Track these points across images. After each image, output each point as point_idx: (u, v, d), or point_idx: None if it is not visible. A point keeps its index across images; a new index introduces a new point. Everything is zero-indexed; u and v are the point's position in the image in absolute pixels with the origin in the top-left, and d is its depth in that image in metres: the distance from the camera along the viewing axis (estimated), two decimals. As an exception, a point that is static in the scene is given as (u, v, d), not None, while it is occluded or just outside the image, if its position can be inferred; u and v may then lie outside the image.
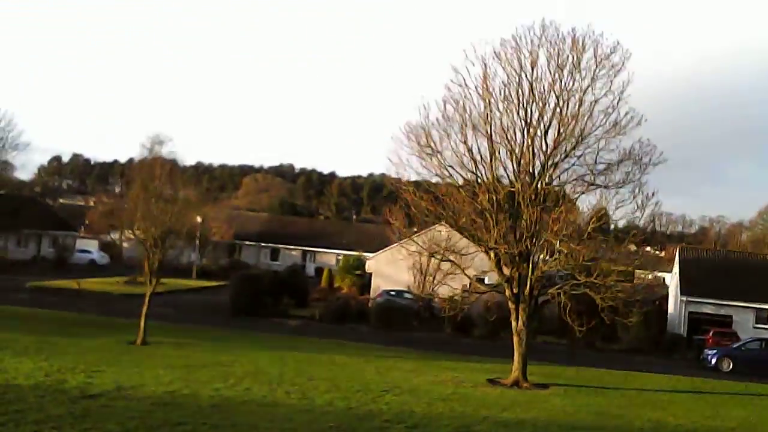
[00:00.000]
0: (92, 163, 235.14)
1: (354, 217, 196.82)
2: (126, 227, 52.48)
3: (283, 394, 24.38)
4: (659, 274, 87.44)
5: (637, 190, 31.04)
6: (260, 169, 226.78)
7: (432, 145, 31.57)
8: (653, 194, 30.94)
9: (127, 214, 44.32)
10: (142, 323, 35.24)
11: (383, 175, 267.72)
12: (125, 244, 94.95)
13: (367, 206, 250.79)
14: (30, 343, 31.52)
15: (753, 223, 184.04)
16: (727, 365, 42.46)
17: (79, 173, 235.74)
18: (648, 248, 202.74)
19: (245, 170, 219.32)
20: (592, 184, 31.67)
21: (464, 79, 31.06)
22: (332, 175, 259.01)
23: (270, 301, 51.33)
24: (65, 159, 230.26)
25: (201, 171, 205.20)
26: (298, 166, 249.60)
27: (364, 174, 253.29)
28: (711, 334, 49.20)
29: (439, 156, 32.25)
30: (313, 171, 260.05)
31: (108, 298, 54.13)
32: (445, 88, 31.53)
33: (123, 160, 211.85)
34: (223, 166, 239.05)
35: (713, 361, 42.90)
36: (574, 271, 30.71)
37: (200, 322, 45.50)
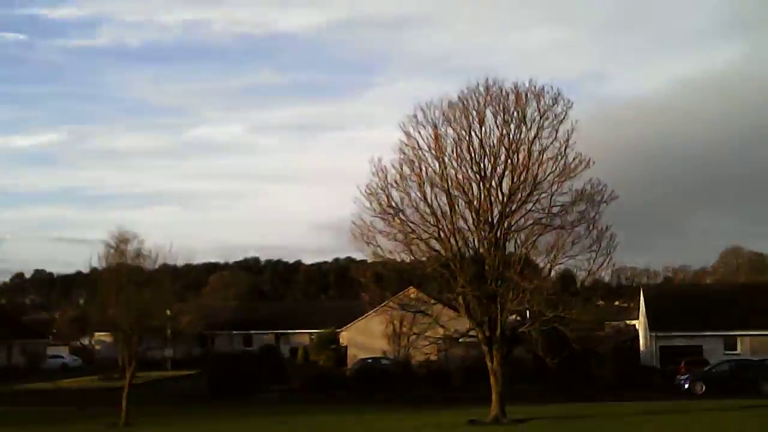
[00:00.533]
0: (54, 276, 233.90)
1: (323, 296, 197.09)
2: (99, 320, 52.91)
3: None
4: (629, 322, 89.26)
5: (591, 227, 32.54)
6: (226, 266, 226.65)
7: (393, 204, 33.02)
8: (607, 228, 32.44)
9: (99, 307, 45.00)
10: (124, 404, 35.70)
11: (348, 258, 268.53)
12: (96, 346, 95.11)
13: (334, 290, 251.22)
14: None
15: (716, 267, 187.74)
16: (700, 388, 43.71)
17: (42, 288, 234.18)
18: (616, 302, 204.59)
19: (210, 268, 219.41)
20: (549, 226, 33.11)
21: (417, 142, 32.86)
22: (298, 263, 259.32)
23: (248, 379, 51.66)
24: (27, 275, 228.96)
25: (165, 272, 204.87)
26: (263, 258, 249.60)
27: (329, 260, 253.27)
28: (683, 363, 50.48)
29: (401, 215, 33.65)
30: (279, 261, 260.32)
31: (85, 393, 54.26)
32: (398, 150, 33.19)
33: (86, 270, 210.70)
34: (188, 266, 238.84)
35: (686, 385, 44.18)
36: (540, 307, 31.86)
37: (180, 405, 45.80)
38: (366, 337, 62.21)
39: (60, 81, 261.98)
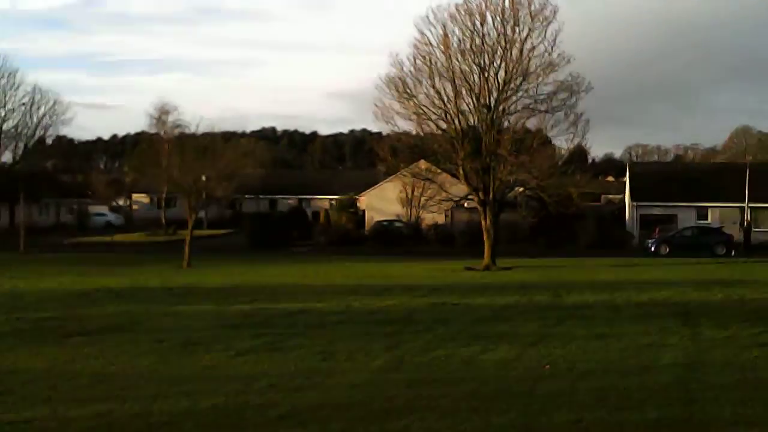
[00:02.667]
0: (76, 143, 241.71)
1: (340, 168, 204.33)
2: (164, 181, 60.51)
3: (309, 280, 33.32)
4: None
5: (569, 112, 39.79)
6: (243, 134, 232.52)
7: (408, 91, 40.21)
8: (581, 114, 39.68)
9: (165, 169, 52.69)
10: (187, 251, 43.86)
11: (364, 130, 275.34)
12: (134, 207, 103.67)
13: (350, 162, 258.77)
14: (101, 271, 40.19)
15: (726, 147, 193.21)
16: (664, 249, 51.45)
17: (64, 154, 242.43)
18: (610, 178, 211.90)
19: (227, 137, 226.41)
20: (535, 110, 40.32)
21: (428, 39, 39.72)
22: (314, 134, 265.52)
23: (280, 235, 59.94)
24: (48, 141, 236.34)
25: (185, 139, 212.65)
26: (280, 128, 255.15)
27: (345, 131, 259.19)
28: (657, 229, 58.11)
29: (414, 99, 40.87)
30: (295, 132, 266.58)
31: (140, 246, 62.57)
32: (413, 46, 40.16)
33: (106, 137, 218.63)
34: (206, 134, 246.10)
35: (653, 247, 51.88)
36: (523, 177, 39.44)
37: (226, 255, 53.95)
38: (382, 202, 69.81)
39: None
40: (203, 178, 74.87)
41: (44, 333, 19.71)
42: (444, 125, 40.78)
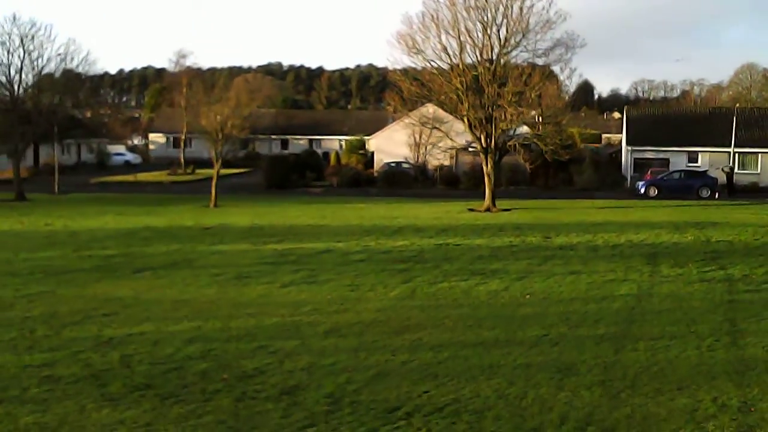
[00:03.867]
0: (83, 77, 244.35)
1: (348, 107, 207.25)
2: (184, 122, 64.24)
3: (328, 221, 37.38)
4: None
5: (564, 65, 43.39)
6: (249, 70, 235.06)
7: (417, 46, 43.77)
8: (575, 69, 43.23)
9: (190, 112, 56.48)
10: (214, 191, 47.81)
11: (370, 65, 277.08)
12: (151, 146, 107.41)
13: (357, 97, 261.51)
14: (137, 210, 44.25)
15: (731, 83, 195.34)
16: (653, 191, 55.17)
17: (72, 89, 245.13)
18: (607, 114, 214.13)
19: (234, 71, 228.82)
20: (534, 64, 43.91)
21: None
22: (320, 69, 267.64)
23: (295, 176, 63.89)
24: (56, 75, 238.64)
25: (191, 74, 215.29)
26: (285, 63, 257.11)
27: (351, 66, 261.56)
28: (649, 171, 61.78)
29: (423, 54, 44.45)
30: (302, 67, 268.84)
31: (163, 185, 66.48)
32: (422, 3, 43.51)
33: (113, 71, 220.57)
34: (212, 69, 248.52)
35: (642, 189, 55.61)
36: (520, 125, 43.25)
37: (244, 194, 57.85)
38: (390, 144, 73.32)
39: None
40: (219, 118, 78.56)
41: (117, 268, 23.84)
42: (449, 78, 44.33)
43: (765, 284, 21.03)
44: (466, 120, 44.43)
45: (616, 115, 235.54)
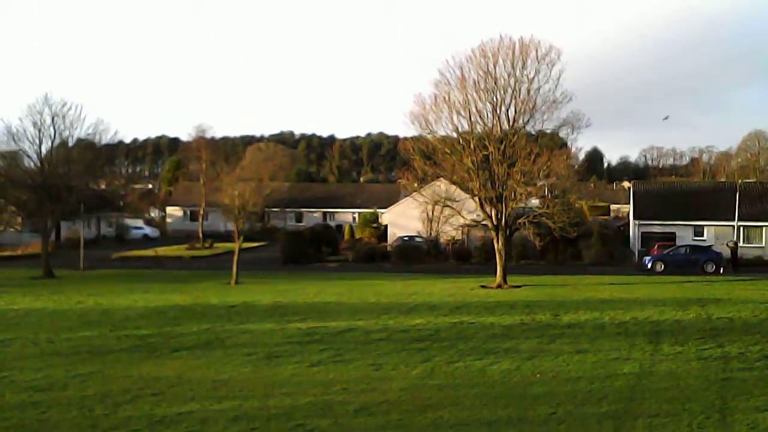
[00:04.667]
0: (97, 146, 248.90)
1: (360, 179, 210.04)
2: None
3: (346, 298, 39.16)
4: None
5: (571, 144, 45.67)
6: (261, 138, 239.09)
7: (429, 127, 46.13)
8: (581, 148, 45.46)
9: (208, 188, 58.97)
10: (235, 268, 49.66)
11: (381, 133, 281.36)
12: (168, 219, 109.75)
13: (368, 165, 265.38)
14: (162, 287, 46.10)
15: (738, 151, 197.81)
16: (659, 267, 56.79)
17: (95, 161, 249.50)
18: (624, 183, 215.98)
19: (246, 140, 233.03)
20: (543, 132, 46.35)
21: (447, 79, 45.56)
22: (331, 138, 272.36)
23: (311, 251, 65.88)
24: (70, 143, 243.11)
25: (207, 144, 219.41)
26: (297, 132, 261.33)
27: (362, 134, 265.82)
28: (656, 246, 63.52)
29: (435, 134, 46.76)
30: (313, 135, 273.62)
31: (183, 261, 68.45)
32: (433, 85, 46.07)
33: (128, 140, 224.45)
34: (225, 138, 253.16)
35: (649, 265, 57.24)
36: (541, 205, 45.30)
37: (262, 270, 59.65)
38: (403, 218, 75.32)
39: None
40: (236, 192, 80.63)
41: (155, 348, 25.63)
42: (461, 156, 46.55)
43: (759, 362, 22.66)
44: (477, 199, 46.44)
45: (626, 184, 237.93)
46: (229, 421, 16.48)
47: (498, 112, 45.97)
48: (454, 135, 47.06)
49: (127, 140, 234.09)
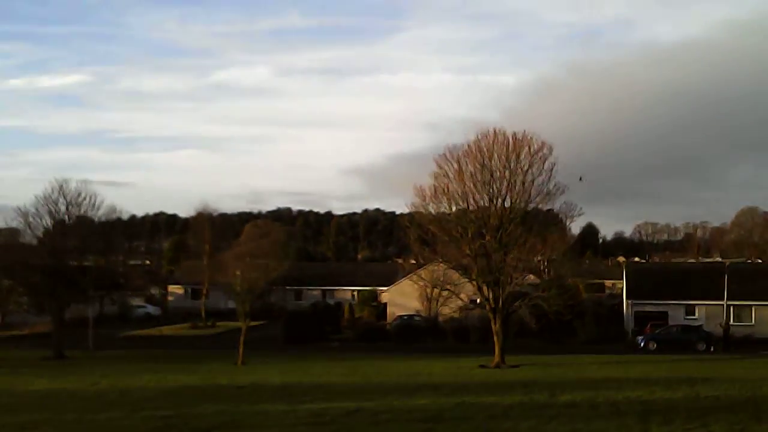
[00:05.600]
0: (95, 221, 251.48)
1: (357, 255, 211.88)
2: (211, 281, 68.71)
3: (351, 378, 40.88)
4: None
5: (564, 231, 47.89)
6: (259, 215, 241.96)
7: (430, 216, 48.36)
8: (575, 235, 47.70)
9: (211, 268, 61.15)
10: (241, 349, 51.39)
11: (377, 210, 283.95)
12: (170, 297, 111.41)
13: (364, 241, 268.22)
14: (171, 368, 47.78)
15: (732, 226, 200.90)
16: (652, 346, 58.71)
17: (82, 233, 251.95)
18: (636, 258, 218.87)
19: (244, 217, 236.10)
20: (530, 232, 48.54)
21: (446, 171, 48.02)
22: (329, 214, 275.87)
23: (313, 330, 67.66)
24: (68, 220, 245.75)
25: (199, 220, 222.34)
26: (295, 208, 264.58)
27: (359, 210, 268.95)
28: (649, 325, 65.47)
29: (434, 224, 49.12)
30: (310, 212, 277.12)
31: (186, 340, 70.12)
32: (433, 177, 48.61)
33: (125, 217, 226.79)
34: (223, 215, 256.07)
35: (642, 343, 59.16)
36: (526, 290, 47.37)
37: (264, 349, 61.24)
38: (402, 297, 77.41)
39: (84, 21, 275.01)
40: (238, 272, 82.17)
41: (178, 428, 27.30)
42: (460, 245, 48.88)
43: (739, 441, 24.46)
44: (475, 283, 48.56)
45: (621, 259, 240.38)
46: (257, 498, 18.22)
47: (495, 203, 48.44)
48: (453, 225, 49.43)
49: (125, 216, 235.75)
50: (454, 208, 48.56)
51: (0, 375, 44.47)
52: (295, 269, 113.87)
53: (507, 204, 48.05)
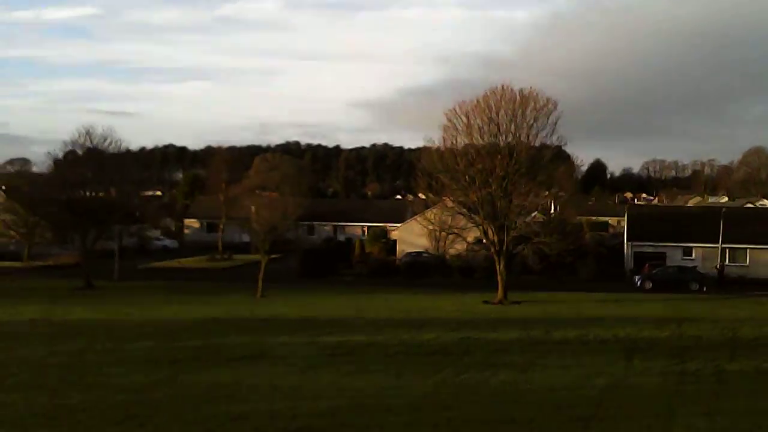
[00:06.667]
0: (105, 155, 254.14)
1: (365, 190, 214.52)
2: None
3: (364, 313, 44.31)
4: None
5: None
6: (267, 149, 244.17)
7: (439, 167, 51.21)
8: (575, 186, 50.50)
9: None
10: (260, 284, 54.70)
11: (386, 144, 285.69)
12: (187, 231, 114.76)
13: (373, 175, 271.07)
14: (196, 300, 51.21)
15: (739, 165, 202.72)
16: (648, 285, 61.78)
17: (95, 164, 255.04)
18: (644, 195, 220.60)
19: (253, 150, 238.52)
20: (534, 181, 51.50)
21: (455, 125, 50.78)
22: (337, 148, 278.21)
23: (328, 265, 71.04)
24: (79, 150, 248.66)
25: (211, 153, 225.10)
26: (303, 142, 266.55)
27: (367, 144, 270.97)
28: (647, 265, 68.49)
29: (443, 174, 52.00)
30: (319, 146, 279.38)
31: (206, 272, 73.47)
32: (442, 129, 51.33)
33: (135, 148, 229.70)
34: (232, 148, 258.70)
35: (639, 283, 62.27)
36: (530, 234, 50.49)
37: (281, 283, 64.44)
38: (411, 235, 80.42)
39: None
40: (253, 208, 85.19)
41: (210, 358, 30.75)
42: (468, 192, 51.84)
43: (707, 378, 27.74)
44: (481, 228, 51.65)
45: (628, 194, 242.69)
46: (288, 419, 21.49)
47: (500, 154, 51.20)
48: (460, 173, 52.28)
49: (135, 148, 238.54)
50: (460, 159, 51.31)
51: (39, 304, 47.78)
52: (308, 205, 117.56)
53: (512, 156, 50.81)
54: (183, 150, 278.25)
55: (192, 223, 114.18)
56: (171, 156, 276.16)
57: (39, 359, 30.68)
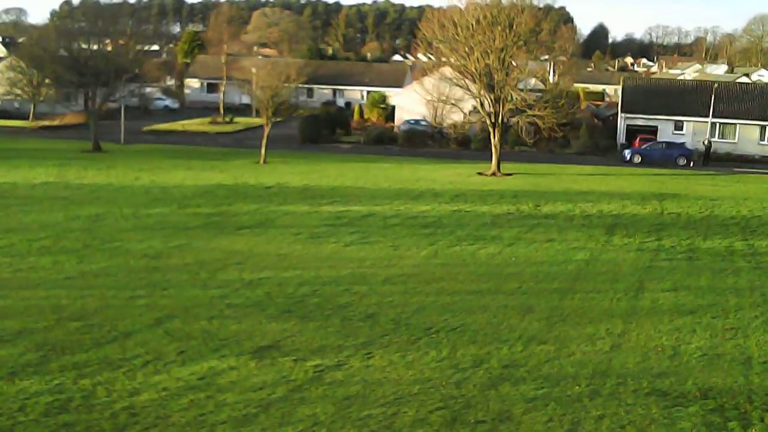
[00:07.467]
0: (102, 4, 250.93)
1: (365, 49, 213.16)
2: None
3: (362, 182, 46.46)
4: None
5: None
6: (266, 3, 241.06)
7: (438, 37, 52.32)
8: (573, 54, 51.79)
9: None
10: (263, 150, 56.67)
11: (387, 1, 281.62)
12: (187, 90, 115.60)
13: (373, 33, 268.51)
14: (201, 165, 53.24)
15: (743, 33, 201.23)
16: (637, 159, 63.85)
17: (90, 15, 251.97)
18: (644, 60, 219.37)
19: (252, 5, 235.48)
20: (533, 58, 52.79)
21: (459, 9, 51.63)
22: (337, 4, 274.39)
23: (326, 132, 72.79)
24: (75, 1, 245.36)
25: (210, 8, 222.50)
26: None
27: (368, 1, 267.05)
28: (638, 139, 70.35)
29: (443, 44, 53.14)
30: (318, 2, 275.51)
31: (209, 136, 75.20)
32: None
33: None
34: (231, 2, 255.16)
35: (628, 157, 64.32)
36: (523, 107, 52.19)
37: (282, 148, 66.37)
38: (410, 102, 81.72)
39: None
40: (254, 70, 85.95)
41: (221, 226, 33.05)
42: (467, 65, 53.12)
43: (681, 254, 30.21)
44: (478, 100, 53.22)
45: (629, 59, 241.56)
46: (296, 285, 23.94)
47: (501, 26, 52.20)
48: (461, 45, 53.42)
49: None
50: (461, 31, 52.33)
51: (50, 167, 49.67)
52: (308, 68, 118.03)
53: (511, 30, 51.85)
54: (181, 1, 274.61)
55: (192, 82, 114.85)
56: (168, 8, 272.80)
57: (59, 223, 32.85)
